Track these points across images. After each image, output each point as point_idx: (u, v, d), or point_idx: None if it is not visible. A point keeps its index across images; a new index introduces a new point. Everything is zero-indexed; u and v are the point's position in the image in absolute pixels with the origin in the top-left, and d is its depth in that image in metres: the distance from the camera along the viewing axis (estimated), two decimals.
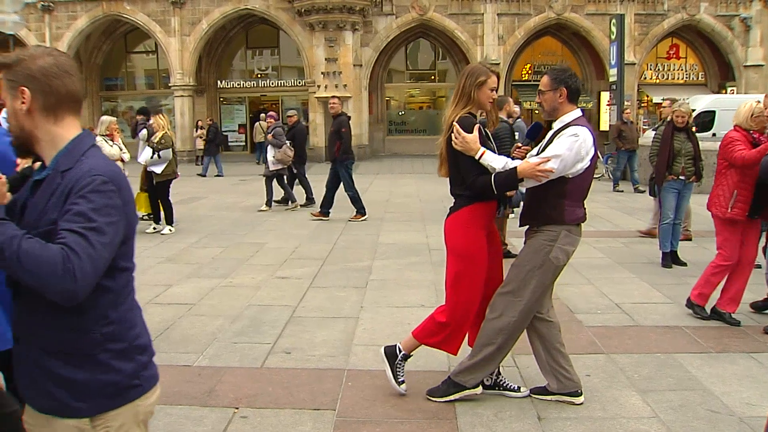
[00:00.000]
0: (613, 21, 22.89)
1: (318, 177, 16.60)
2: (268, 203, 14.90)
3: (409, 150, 32.40)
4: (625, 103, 22.42)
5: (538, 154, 4.48)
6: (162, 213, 12.07)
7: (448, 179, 4.67)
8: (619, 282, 7.68)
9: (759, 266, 7.06)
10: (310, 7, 28.80)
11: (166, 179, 11.85)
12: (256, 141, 31.35)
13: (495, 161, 4.39)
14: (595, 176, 6.01)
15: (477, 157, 4.38)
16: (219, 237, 11.39)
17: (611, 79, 23.17)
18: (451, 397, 4.64)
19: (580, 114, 4.57)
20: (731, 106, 23.58)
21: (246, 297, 7.47)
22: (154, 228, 11.86)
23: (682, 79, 35.31)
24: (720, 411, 4.52)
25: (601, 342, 5.92)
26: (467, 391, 4.64)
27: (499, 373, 4.81)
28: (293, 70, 34.15)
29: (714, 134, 22.77)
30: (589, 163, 4.42)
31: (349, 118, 13.75)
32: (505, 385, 4.80)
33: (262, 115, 31.37)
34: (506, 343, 4.56)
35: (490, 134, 4.74)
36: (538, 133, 4.83)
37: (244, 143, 35.09)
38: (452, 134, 4.44)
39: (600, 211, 13.36)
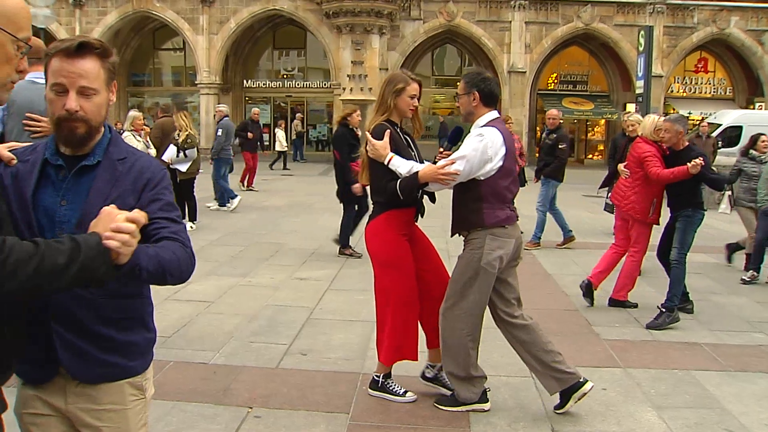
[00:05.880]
0: (642, 33, 22.73)
1: None
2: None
3: (433, 156, 32.39)
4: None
5: None
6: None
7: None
8: (639, 296, 7.61)
9: None
10: (338, 9, 28.85)
11: (190, 177, 11.92)
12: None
13: (402, 166, 4.43)
14: None
15: (386, 162, 4.44)
16: (239, 235, 11.44)
17: (637, 91, 23.01)
18: (458, 409, 4.62)
19: (496, 116, 4.58)
20: (759, 122, 23.49)
21: (264, 297, 7.49)
22: None
23: (710, 93, 35.01)
24: (737, 431, 4.47)
25: (618, 356, 5.88)
26: (473, 405, 4.62)
27: (441, 369, 4.82)
28: (319, 71, 34.24)
29: None
30: (501, 164, 4.41)
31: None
32: (443, 382, 4.82)
33: (299, 115, 31.55)
34: (470, 351, 4.56)
35: (411, 141, 4.79)
36: (459, 137, 4.86)
37: (268, 143, 35.22)
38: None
39: None
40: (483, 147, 4.34)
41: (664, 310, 6.82)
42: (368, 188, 4.84)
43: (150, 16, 32.32)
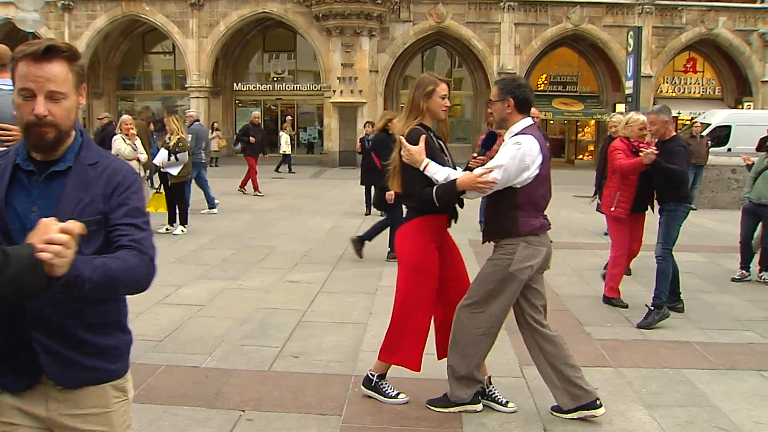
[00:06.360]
0: (631, 33, 22.86)
1: (331, 181, 16.60)
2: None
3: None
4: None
5: None
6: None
7: None
8: (630, 295, 7.65)
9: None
10: (327, 12, 28.87)
11: (181, 181, 11.90)
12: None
13: (438, 173, 4.37)
14: None
15: (422, 168, 4.39)
16: (230, 239, 11.42)
17: (627, 92, 23.13)
18: (450, 409, 4.61)
19: (530, 123, 4.52)
20: (748, 122, 23.66)
21: (255, 300, 7.48)
22: (167, 229, 11.89)
23: (699, 93, 35.18)
24: (727, 429, 4.49)
25: (609, 355, 5.90)
26: (466, 406, 4.61)
27: (490, 383, 4.78)
28: (309, 74, 34.25)
29: (729, 149, 22.69)
30: (537, 172, 4.36)
31: None
32: (494, 397, 4.74)
33: (288, 117, 31.27)
34: (481, 354, 4.55)
35: (444, 146, 4.74)
36: (492, 142, 4.82)
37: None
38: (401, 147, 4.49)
39: None
40: (521, 155, 4.29)
41: (652, 308, 6.84)
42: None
43: (139, 20, 32.30)
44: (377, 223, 9.91)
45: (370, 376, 4.84)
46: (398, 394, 4.77)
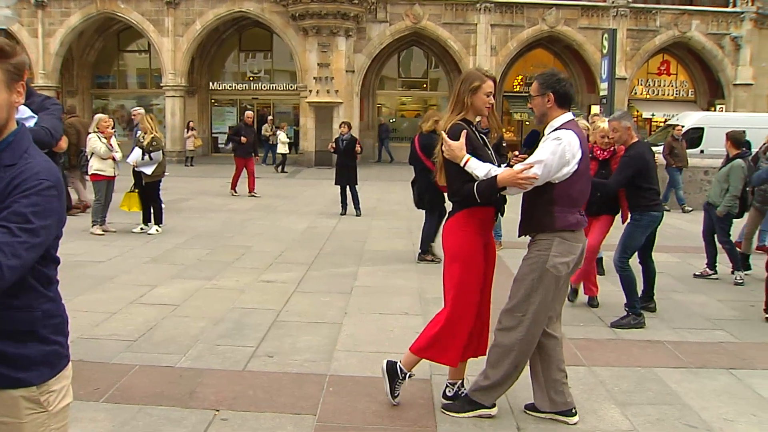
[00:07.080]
0: (606, 35, 23.00)
1: (307, 181, 16.57)
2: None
3: (399, 157, 32.34)
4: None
5: None
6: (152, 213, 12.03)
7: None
8: (604, 295, 7.72)
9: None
10: (304, 11, 28.80)
11: (155, 180, 11.83)
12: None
13: (478, 169, 4.30)
14: None
15: (462, 164, 4.32)
16: (206, 238, 11.37)
17: (602, 93, 23.28)
18: (468, 414, 4.56)
19: (571, 118, 4.48)
20: (720, 124, 23.93)
21: (230, 300, 7.46)
22: (141, 228, 11.81)
23: (672, 95, 35.57)
24: (697, 426, 4.56)
25: (582, 354, 5.95)
26: (483, 410, 4.57)
27: (462, 384, 4.76)
28: (285, 74, 34.16)
29: (702, 151, 22.94)
30: (576, 167, 4.31)
31: None
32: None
33: (270, 118, 31.19)
34: (519, 361, 4.48)
35: (487, 140, 4.69)
36: (535, 140, 4.79)
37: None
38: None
39: None
40: (561, 151, 4.25)
41: (629, 312, 6.88)
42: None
43: (114, 18, 31.99)
44: (424, 231, 9.84)
45: (400, 371, 4.68)
46: (397, 395, 4.72)
